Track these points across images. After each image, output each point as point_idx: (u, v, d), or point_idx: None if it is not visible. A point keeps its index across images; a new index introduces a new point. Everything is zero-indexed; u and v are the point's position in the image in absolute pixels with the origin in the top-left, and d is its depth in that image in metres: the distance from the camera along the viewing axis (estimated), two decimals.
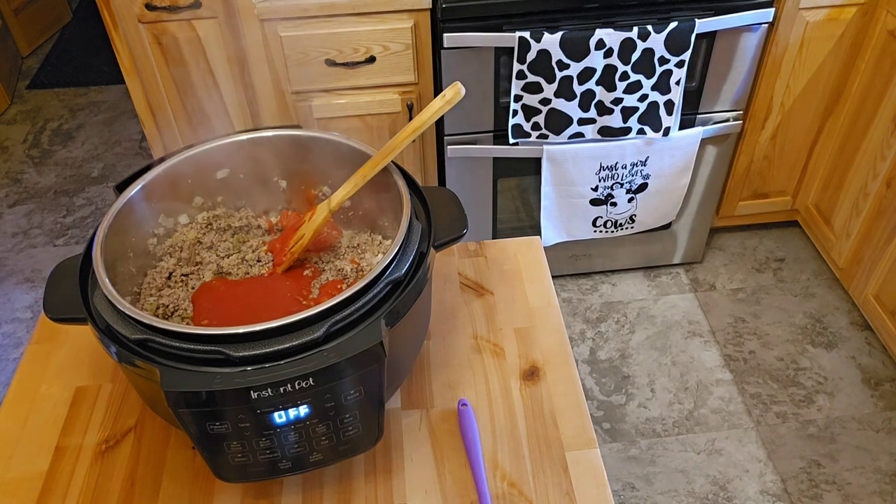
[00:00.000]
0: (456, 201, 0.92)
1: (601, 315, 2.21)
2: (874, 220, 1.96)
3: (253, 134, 0.97)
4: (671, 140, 1.92)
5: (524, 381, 0.95)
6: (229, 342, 0.71)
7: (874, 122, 1.93)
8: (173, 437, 0.90)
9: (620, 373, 2.05)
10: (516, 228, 2.19)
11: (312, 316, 0.72)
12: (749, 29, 1.81)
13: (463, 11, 1.72)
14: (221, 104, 1.96)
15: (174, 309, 0.88)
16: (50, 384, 0.97)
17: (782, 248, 2.40)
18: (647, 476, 1.82)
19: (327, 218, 0.90)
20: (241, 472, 0.77)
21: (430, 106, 0.83)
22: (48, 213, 2.67)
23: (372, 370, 0.73)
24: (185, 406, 0.70)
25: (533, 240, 1.15)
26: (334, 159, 0.95)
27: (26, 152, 2.96)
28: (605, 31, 1.70)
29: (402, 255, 0.81)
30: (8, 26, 3.38)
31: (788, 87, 2.00)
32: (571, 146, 1.90)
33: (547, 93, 1.78)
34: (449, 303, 1.05)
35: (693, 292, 2.27)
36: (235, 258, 0.94)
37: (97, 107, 3.18)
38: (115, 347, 0.74)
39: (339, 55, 1.82)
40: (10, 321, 2.29)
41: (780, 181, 2.24)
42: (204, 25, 1.81)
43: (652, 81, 1.79)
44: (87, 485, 0.86)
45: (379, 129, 1.97)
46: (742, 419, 1.93)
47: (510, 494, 0.83)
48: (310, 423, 0.75)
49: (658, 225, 2.15)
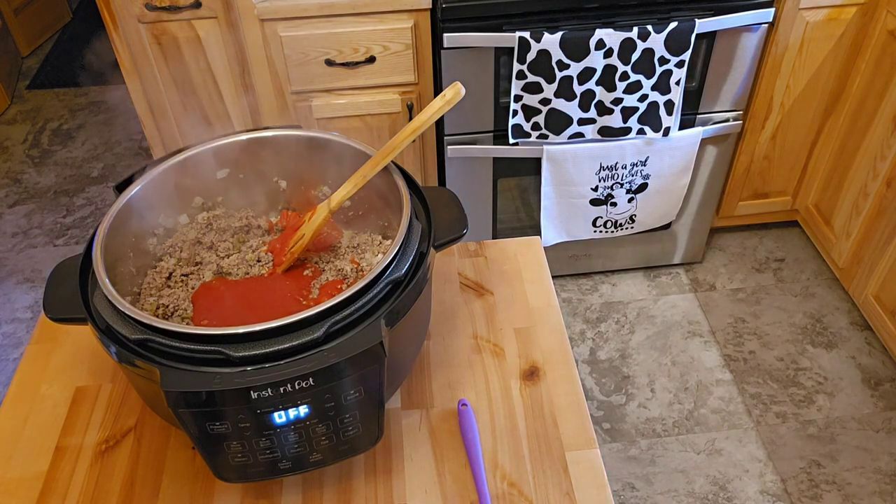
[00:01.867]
0: (456, 201, 0.92)
1: (601, 315, 2.21)
2: (874, 220, 1.96)
3: (253, 134, 0.97)
4: (671, 140, 1.92)
5: (524, 381, 0.95)
6: (229, 342, 0.71)
7: (874, 122, 1.93)
8: (173, 437, 0.90)
9: (620, 373, 2.05)
10: (516, 228, 2.19)
11: (312, 316, 0.72)
12: (749, 29, 1.81)
13: (463, 11, 1.72)
14: (221, 104, 1.96)
15: (174, 309, 0.88)
16: (50, 384, 0.97)
17: (782, 248, 2.40)
18: (647, 476, 1.82)
19: (327, 218, 0.90)
20: (241, 472, 0.77)
21: (430, 106, 0.83)
22: (48, 213, 2.67)
23: (372, 370, 0.73)
24: (185, 406, 0.70)
25: (533, 240, 1.15)
26: (334, 159, 0.95)
27: (26, 152, 2.96)
28: (605, 31, 1.70)
29: (402, 255, 0.81)
30: (8, 26, 3.38)
31: (788, 87, 2.00)
32: (571, 146, 1.90)
33: (547, 93, 1.78)
34: (449, 303, 1.05)
35: (693, 292, 2.27)
36: (235, 258, 0.94)
37: (97, 107, 3.18)
38: (115, 347, 0.74)
39: (338, 55, 1.82)
40: (10, 321, 2.29)
41: (780, 181, 2.24)
42: (204, 25, 1.81)
43: (652, 81, 1.79)
44: (87, 485, 0.86)
45: (379, 129, 1.97)
46: (742, 419, 1.93)
47: (510, 494, 0.83)
48: (310, 423, 0.75)
49: (658, 225, 2.15)
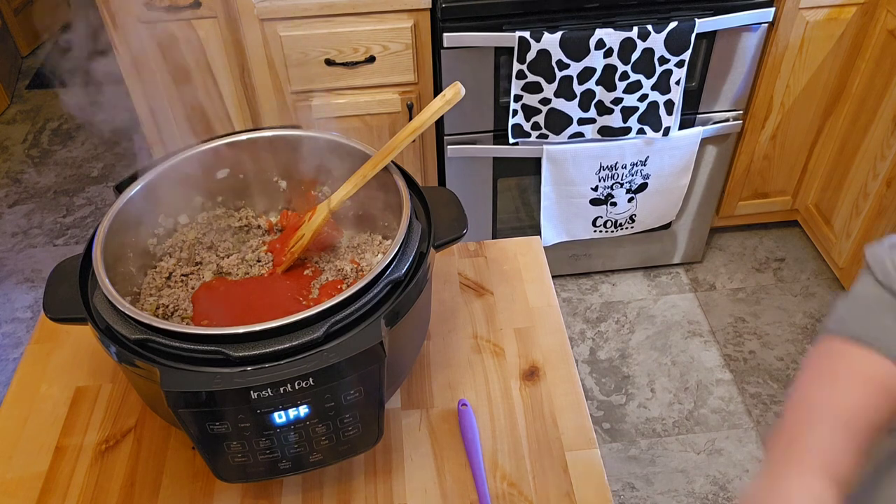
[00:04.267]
0: (456, 201, 0.92)
1: (601, 315, 2.21)
2: (874, 220, 1.96)
3: (253, 134, 0.97)
4: (671, 140, 1.92)
5: (524, 381, 0.95)
6: (229, 342, 0.71)
7: (874, 122, 1.93)
8: (173, 437, 0.90)
9: (620, 373, 2.05)
10: (516, 228, 2.19)
11: (312, 316, 0.72)
12: (749, 29, 1.81)
13: (463, 11, 1.72)
14: (221, 104, 1.96)
15: (174, 309, 0.88)
16: (50, 384, 0.97)
17: (782, 248, 2.40)
18: (647, 476, 1.82)
19: (327, 218, 0.90)
20: (241, 472, 0.77)
21: (429, 106, 0.83)
22: (48, 213, 2.67)
23: (372, 370, 0.73)
24: (185, 406, 0.70)
25: (533, 240, 1.14)
26: (334, 159, 0.95)
27: (26, 152, 2.96)
28: (605, 31, 1.70)
29: (402, 255, 0.81)
30: (8, 26, 3.38)
31: (788, 86, 1.99)
32: (571, 146, 1.90)
33: (547, 93, 1.78)
34: (449, 303, 1.05)
35: (693, 292, 2.27)
36: (235, 258, 0.94)
37: (97, 107, 3.18)
38: (115, 347, 0.74)
39: (338, 55, 1.82)
40: (10, 321, 2.29)
41: (780, 181, 2.24)
42: (204, 25, 1.81)
43: (652, 81, 1.79)
44: (87, 485, 0.86)
45: (379, 129, 1.97)
46: (742, 419, 1.93)
47: (510, 494, 0.83)
48: (310, 424, 0.75)
49: (658, 225, 2.15)
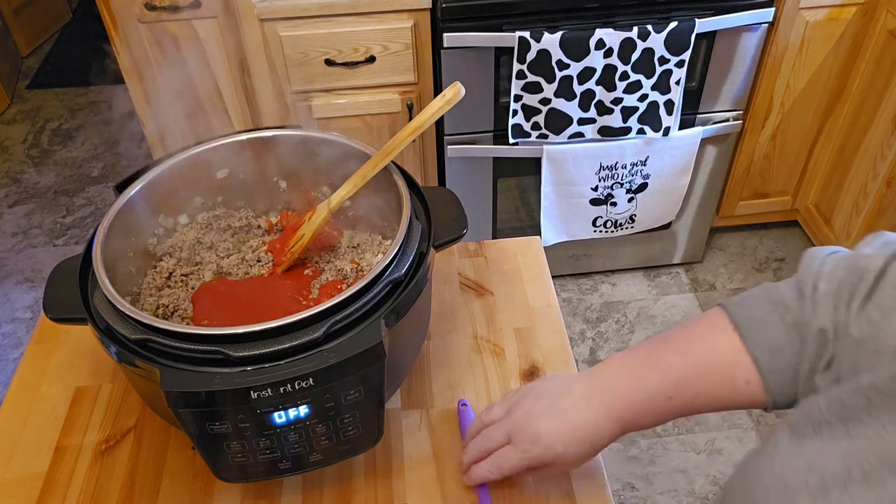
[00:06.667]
0: (456, 201, 0.92)
1: (601, 315, 2.21)
2: (874, 220, 1.96)
3: (253, 134, 0.97)
4: (671, 140, 1.92)
5: (524, 381, 0.95)
6: (229, 342, 0.71)
7: (874, 122, 1.93)
8: (173, 437, 0.90)
9: None
10: (516, 228, 2.19)
11: (312, 316, 0.72)
12: (749, 29, 1.81)
13: (463, 11, 1.72)
14: (221, 104, 1.96)
15: (174, 309, 0.87)
16: (50, 384, 0.96)
17: (782, 248, 2.40)
18: (647, 476, 1.82)
19: (327, 218, 0.90)
20: (241, 472, 0.77)
21: (429, 106, 0.83)
22: (48, 213, 2.67)
23: (372, 370, 0.73)
24: (185, 406, 0.70)
25: (533, 240, 1.14)
26: (334, 159, 0.95)
27: (26, 152, 2.96)
28: (605, 31, 1.70)
29: (402, 255, 0.80)
30: (8, 26, 3.38)
31: (788, 86, 2.00)
32: (571, 146, 1.90)
33: (547, 93, 1.78)
34: (449, 303, 1.05)
35: (693, 292, 2.27)
36: (235, 258, 0.94)
37: (97, 107, 3.18)
38: (115, 347, 0.74)
39: (338, 55, 1.82)
40: (10, 321, 2.29)
41: (780, 181, 2.24)
42: (204, 25, 1.81)
43: (652, 81, 1.79)
44: (87, 485, 0.86)
45: (379, 129, 1.97)
46: (742, 419, 1.92)
47: (510, 495, 0.83)
48: (310, 424, 0.75)
49: (658, 225, 2.15)
